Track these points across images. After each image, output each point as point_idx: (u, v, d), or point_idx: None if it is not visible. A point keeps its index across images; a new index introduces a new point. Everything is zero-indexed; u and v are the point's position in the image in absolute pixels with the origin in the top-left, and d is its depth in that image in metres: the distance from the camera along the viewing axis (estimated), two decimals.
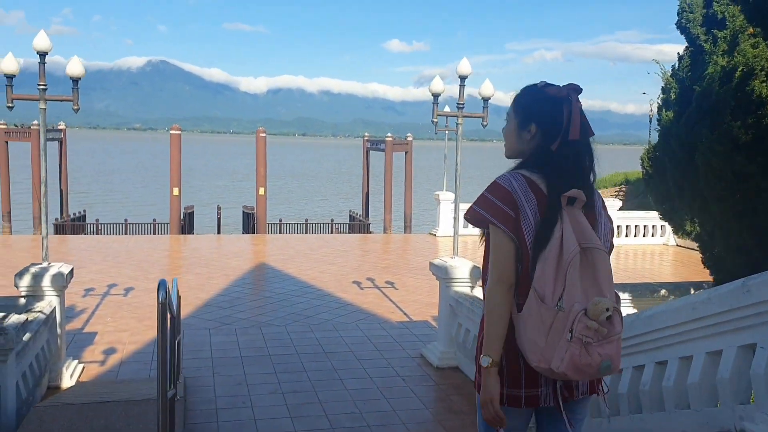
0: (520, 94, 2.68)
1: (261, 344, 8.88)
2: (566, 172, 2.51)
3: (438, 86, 8.72)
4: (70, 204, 35.44)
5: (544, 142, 2.57)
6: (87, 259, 14.71)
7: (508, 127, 2.69)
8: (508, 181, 2.53)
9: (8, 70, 6.91)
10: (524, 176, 2.54)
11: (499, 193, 2.52)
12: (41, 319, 6.51)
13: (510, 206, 2.48)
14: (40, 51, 6.93)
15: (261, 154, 22.04)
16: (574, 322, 2.30)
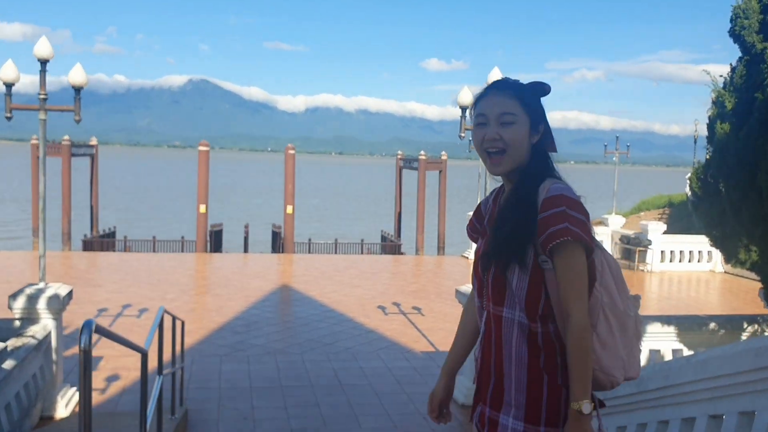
0: (527, 88, 2.23)
1: (273, 374, 8.29)
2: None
3: (466, 98, 8.08)
4: (101, 220, 35.70)
5: (549, 145, 2.27)
6: (106, 277, 14.36)
7: (518, 130, 2.17)
8: (574, 193, 2.15)
9: (7, 79, 6.50)
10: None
11: (582, 210, 2.11)
12: (31, 345, 6.02)
13: (591, 224, 2.15)
14: (41, 58, 6.52)
15: (290, 171, 21.61)
16: (639, 322, 2.25)
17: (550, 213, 2.03)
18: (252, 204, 64.44)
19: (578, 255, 2.03)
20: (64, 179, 25.25)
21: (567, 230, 2.00)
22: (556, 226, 2.01)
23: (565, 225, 2.01)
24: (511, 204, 2.16)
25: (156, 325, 4.43)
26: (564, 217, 2.02)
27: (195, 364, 8.54)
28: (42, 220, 6.72)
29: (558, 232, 2.00)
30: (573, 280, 2.02)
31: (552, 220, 2.02)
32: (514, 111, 2.16)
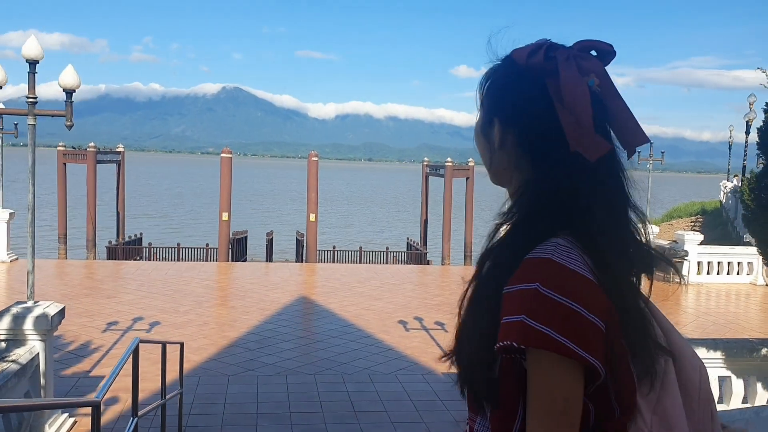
0: (496, 66, 1.37)
1: (283, 397, 7.72)
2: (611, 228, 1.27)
3: None
4: (132, 226, 35.67)
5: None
6: (121, 287, 13.97)
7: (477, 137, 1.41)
8: (575, 258, 1.17)
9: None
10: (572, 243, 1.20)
11: (575, 288, 1.14)
12: (11, 371, 5.53)
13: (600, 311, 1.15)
14: (29, 59, 6.04)
15: (313, 179, 21.11)
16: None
17: (513, 290, 1.14)
18: (282, 210, 64.36)
19: (551, 370, 1.10)
20: (89, 186, 25.12)
21: (521, 328, 1.09)
22: (509, 317, 1.12)
23: (519, 318, 1.10)
24: (475, 284, 1.28)
25: (120, 364, 3.87)
26: (528, 301, 1.10)
27: (200, 386, 8.02)
28: (30, 234, 6.25)
29: (506, 328, 1.12)
30: (537, 406, 1.12)
31: (508, 304, 1.13)
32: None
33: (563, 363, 1.08)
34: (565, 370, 1.09)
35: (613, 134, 1.27)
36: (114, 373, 3.75)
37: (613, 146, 1.25)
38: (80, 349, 9.27)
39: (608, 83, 1.25)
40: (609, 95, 1.25)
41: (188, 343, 9.74)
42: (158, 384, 7.54)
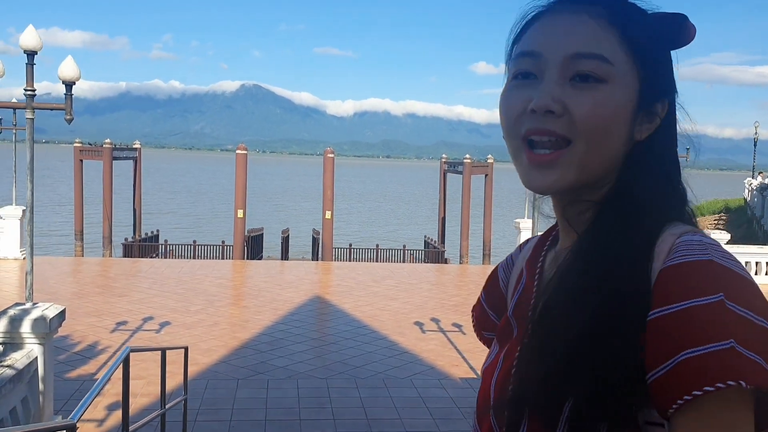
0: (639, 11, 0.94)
1: (293, 403, 7.42)
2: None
3: None
4: (151, 223, 35.68)
5: (672, 149, 1.00)
6: (133, 285, 13.76)
7: (609, 98, 0.89)
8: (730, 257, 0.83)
9: None
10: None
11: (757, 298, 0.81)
12: (6, 377, 5.26)
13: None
14: (27, 50, 5.77)
15: (329, 176, 20.82)
16: None
17: (681, 307, 0.78)
18: (300, 208, 64.24)
19: (746, 419, 0.76)
20: (105, 182, 25.05)
21: (734, 358, 0.74)
22: (702, 347, 0.75)
23: (729, 344, 0.74)
24: (577, 282, 0.88)
25: (104, 378, 3.56)
26: (722, 320, 0.76)
27: (208, 390, 7.74)
28: (30, 232, 6.00)
29: (711, 365, 0.74)
30: None
31: (688, 330, 0.76)
32: (606, 52, 0.90)
33: (751, 404, 0.76)
34: (752, 414, 0.77)
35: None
36: (95, 390, 3.45)
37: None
38: (87, 351, 9.04)
39: None
40: None
41: (197, 344, 9.49)
42: (171, 386, 7.29)
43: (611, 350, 0.80)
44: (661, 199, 0.93)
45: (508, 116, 0.95)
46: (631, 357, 0.79)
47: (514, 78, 0.95)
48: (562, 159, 0.90)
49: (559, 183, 0.91)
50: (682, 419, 0.76)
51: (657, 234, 0.87)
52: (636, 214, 0.90)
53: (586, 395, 0.80)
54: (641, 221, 0.89)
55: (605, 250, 0.88)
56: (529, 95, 0.91)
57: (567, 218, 0.98)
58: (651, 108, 0.94)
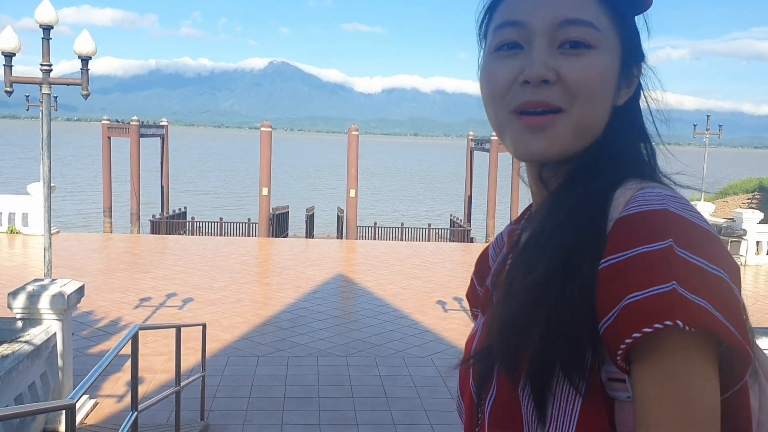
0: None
1: (312, 381, 7.39)
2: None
3: None
4: (180, 200, 36.01)
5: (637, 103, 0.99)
6: (158, 262, 13.86)
7: (600, 63, 0.88)
8: (689, 206, 0.83)
9: (7, 48, 5.73)
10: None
11: (712, 245, 0.79)
12: (23, 353, 5.29)
13: (737, 284, 0.80)
14: (43, 24, 5.72)
15: (353, 154, 20.67)
16: None
17: (630, 254, 0.76)
18: (326, 185, 64.30)
19: (696, 365, 0.74)
20: (133, 160, 25.24)
21: (674, 299, 0.72)
22: (645, 290, 0.73)
23: (670, 286, 0.73)
24: (538, 232, 0.89)
25: (108, 357, 3.52)
26: (667, 264, 0.74)
27: (228, 366, 7.75)
28: (47, 208, 5.98)
29: (650, 307, 0.73)
30: (676, 423, 0.73)
31: (634, 275, 0.75)
32: (593, 18, 0.89)
33: (707, 348, 0.74)
34: (707, 359, 0.75)
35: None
36: (97, 370, 3.41)
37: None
38: (110, 326, 9.11)
39: None
40: None
41: (219, 321, 9.52)
42: (190, 363, 7.32)
43: (564, 295, 0.79)
44: (628, 157, 0.92)
45: (493, 89, 0.92)
46: (582, 302, 0.78)
47: (497, 49, 0.92)
48: (558, 121, 0.88)
49: (554, 148, 0.88)
50: (633, 369, 0.76)
51: (616, 186, 0.86)
52: (603, 170, 0.90)
53: (540, 340, 0.80)
54: (604, 175, 0.89)
55: (565, 200, 0.88)
56: (519, 65, 0.89)
57: (542, 179, 0.95)
58: (630, 72, 0.94)
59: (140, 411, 4.12)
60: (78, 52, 5.98)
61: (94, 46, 6.00)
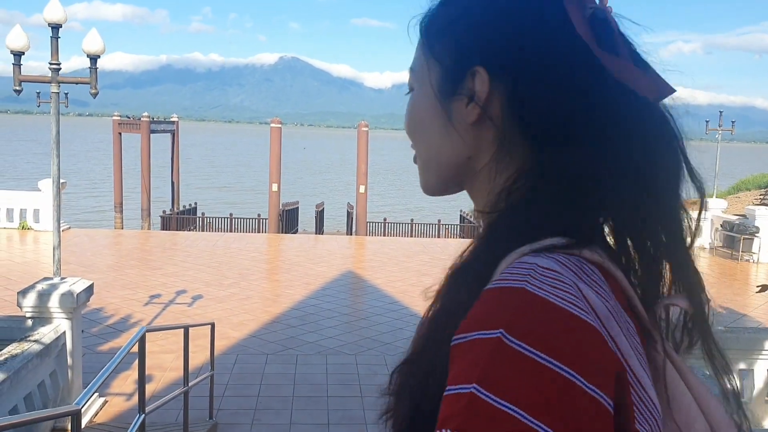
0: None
1: (321, 379, 7.37)
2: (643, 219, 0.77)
3: None
4: (191, 195, 36.11)
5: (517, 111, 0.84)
6: (168, 258, 13.88)
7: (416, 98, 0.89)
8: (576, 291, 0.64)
9: (16, 47, 5.73)
10: (588, 260, 0.69)
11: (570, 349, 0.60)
12: (32, 352, 5.30)
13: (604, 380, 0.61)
14: (52, 23, 5.71)
15: (363, 149, 20.64)
16: None
17: (465, 339, 0.62)
18: (339, 181, 64.30)
19: None
20: (143, 155, 25.34)
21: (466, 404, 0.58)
22: (452, 387, 0.60)
23: (468, 388, 0.58)
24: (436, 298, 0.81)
25: (116, 360, 3.50)
26: (477, 359, 0.60)
27: (237, 364, 7.75)
28: (56, 206, 5.99)
29: (445, 409, 0.60)
30: None
31: (455, 365, 0.62)
32: (414, 61, 0.89)
33: None
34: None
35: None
36: (104, 374, 3.39)
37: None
38: (119, 323, 9.13)
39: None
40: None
41: (228, 318, 9.52)
42: (199, 361, 7.31)
43: (426, 371, 0.71)
44: (529, 207, 0.74)
45: None
46: (433, 382, 0.69)
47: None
48: (418, 166, 0.88)
49: (424, 186, 0.89)
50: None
51: (504, 254, 0.70)
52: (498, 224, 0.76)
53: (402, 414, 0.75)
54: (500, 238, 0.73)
55: (459, 265, 0.79)
56: None
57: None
58: (458, 88, 0.80)
59: (148, 413, 4.10)
60: (86, 50, 5.97)
61: (102, 44, 5.99)
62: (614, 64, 0.74)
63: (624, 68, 0.75)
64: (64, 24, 5.87)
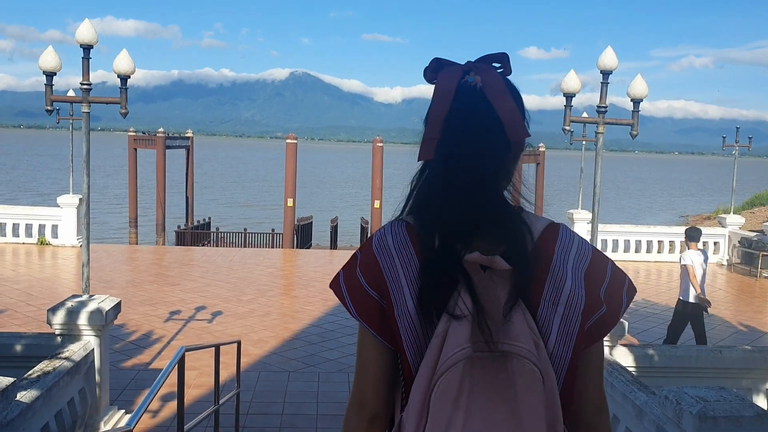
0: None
1: (344, 397, 7.35)
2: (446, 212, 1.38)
3: (572, 84, 6.74)
4: (206, 210, 36.30)
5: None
6: (185, 274, 13.94)
7: None
8: (382, 236, 1.45)
9: (48, 67, 5.81)
10: (408, 224, 1.45)
11: (365, 256, 1.45)
12: (63, 369, 5.32)
13: (373, 283, 1.40)
14: (84, 44, 5.79)
15: (378, 165, 20.70)
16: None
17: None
18: (351, 195, 64.41)
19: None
20: (159, 171, 25.51)
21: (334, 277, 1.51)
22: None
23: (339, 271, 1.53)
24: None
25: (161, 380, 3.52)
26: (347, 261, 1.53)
27: (260, 382, 7.75)
28: (86, 225, 6.04)
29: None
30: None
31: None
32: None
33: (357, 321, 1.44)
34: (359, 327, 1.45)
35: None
36: (151, 393, 3.42)
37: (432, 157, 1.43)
38: (141, 340, 9.16)
39: (494, 83, 1.40)
40: (493, 93, 1.39)
41: (249, 335, 9.53)
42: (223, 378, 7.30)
43: None
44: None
45: None
46: None
47: None
48: None
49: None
50: None
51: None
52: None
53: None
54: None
55: None
56: None
57: None
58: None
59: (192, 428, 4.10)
60: (117, 70, 6.03)
61: (132, 65, 6.06)
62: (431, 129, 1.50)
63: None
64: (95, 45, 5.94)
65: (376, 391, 1.41)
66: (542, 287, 1.33)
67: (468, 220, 1.34)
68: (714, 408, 3.73)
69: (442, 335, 1.27)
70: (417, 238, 1.38)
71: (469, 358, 1.23)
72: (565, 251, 1.39)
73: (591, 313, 1.37)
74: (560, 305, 1.32)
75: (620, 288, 1.44)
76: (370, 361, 1.42)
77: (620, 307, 1.43)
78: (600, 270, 1.42)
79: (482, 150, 1.38)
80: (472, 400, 1.23)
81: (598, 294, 1.39)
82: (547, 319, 1.32)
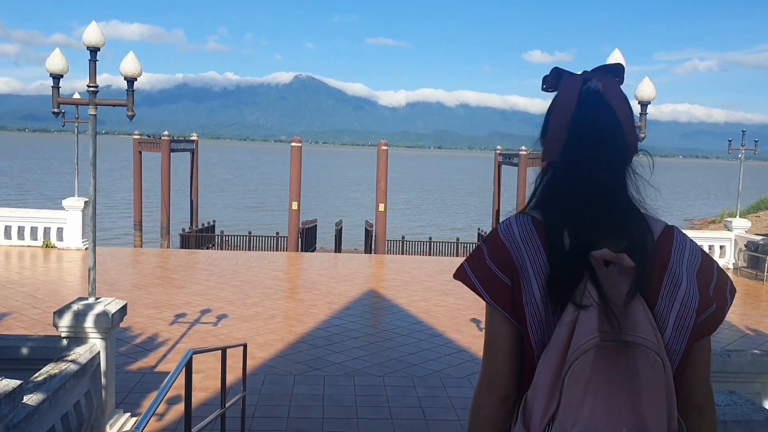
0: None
1: (350, 401, 7.34)
2: (575, 211, 1.53)
3: None
4: (210, 213, 36.32)
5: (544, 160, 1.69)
6: (190, 277, 13.94)
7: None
8: (508, 226, 1.61)
9: (55, 70, 5.81)
10: (534, 219, 1.60)
11: (492, 245, 1.60)
12: (69, 372, 5.32)
13: (504, 268, 1.55)
14: (90, 46, 5.79)
15: (382, 168, 20.68)
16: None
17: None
18: (356, 198, 64.42)
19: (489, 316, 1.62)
20: (163, 174, 25.52)
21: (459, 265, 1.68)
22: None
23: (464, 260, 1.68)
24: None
25: (168, 383, 3.50)
26: (473, 250, 1.71)
27: (265, 385, 7.73)
28: (92, 228, 6.04)
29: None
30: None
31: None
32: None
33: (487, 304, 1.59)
34: (487, 308, 1.60)
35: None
36: (159, 398, 3.39)
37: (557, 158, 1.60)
38: (146, 343, 9.16)
39: (613, 89, 1.56)
40: (614, 98, 1.55)
41: (254, 338, 9.52)
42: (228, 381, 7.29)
43: None
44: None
45: None
46: None
47: None
48: None
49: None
50: None
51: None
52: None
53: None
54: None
55: None
56: None
57: None
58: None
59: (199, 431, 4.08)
60: (123, 73, 6.03)
61: (139, 67, 6.06)
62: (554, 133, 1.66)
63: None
64: (102, 47, 5.94)
65: (507, 369, 1.55)
66: (660, 284, 1.49)
67: (597, 221, 1.49)
68: (724, 413, 3.71)
69: (570, 324, 1.41)
70: (543, 231, 1.53)
71: (598, 347, 1.37)
72: (680, 252, 1.54)
73: (703, 310, 1.51)
74: (676, 302, 1.48)
75: (725, 288, 1.58)
76: (501, 341, 1.55)
77: (726, 305, 1.57)
78: (708, 271, 1.57)
79: (609, 153, 1.52)
80: (598, 385, 1.38)
81: (707, 293, 1.53)
82: (664, 314, 1.47)
